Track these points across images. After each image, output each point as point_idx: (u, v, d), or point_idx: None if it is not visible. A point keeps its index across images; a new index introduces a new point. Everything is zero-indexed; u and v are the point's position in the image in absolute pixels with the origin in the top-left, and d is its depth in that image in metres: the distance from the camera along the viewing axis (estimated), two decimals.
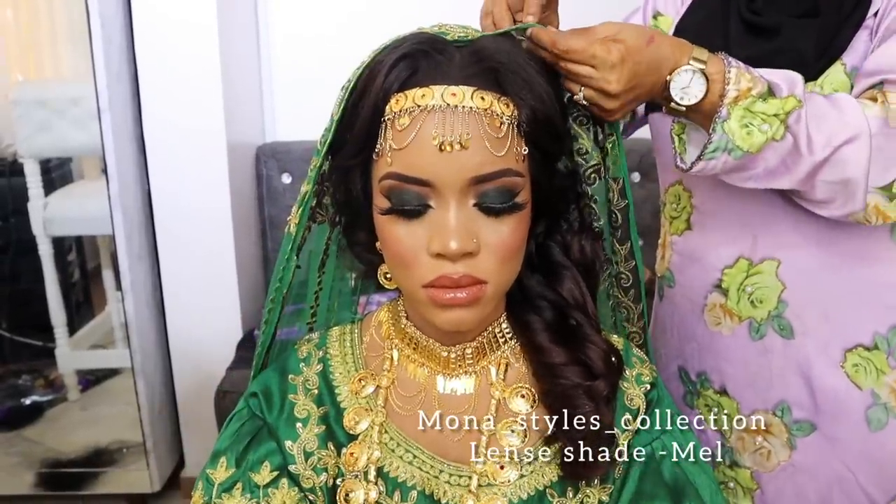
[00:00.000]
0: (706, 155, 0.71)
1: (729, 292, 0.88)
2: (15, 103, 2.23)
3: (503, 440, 0.69)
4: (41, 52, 2.80)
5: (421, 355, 0.72)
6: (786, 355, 0.86)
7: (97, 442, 2.18)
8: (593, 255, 0.73)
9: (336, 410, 0.73)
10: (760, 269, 0.86)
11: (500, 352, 0.72)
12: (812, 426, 0.86)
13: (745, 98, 0.69)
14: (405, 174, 0.61)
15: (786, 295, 0.85)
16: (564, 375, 0.68)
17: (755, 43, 0.82)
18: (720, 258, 0.89)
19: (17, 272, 2.52)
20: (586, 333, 0.71)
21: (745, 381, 0.89)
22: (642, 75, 0.68)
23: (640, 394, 0.72)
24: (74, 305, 2.68)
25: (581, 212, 0.74)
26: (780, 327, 0.86)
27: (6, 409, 2.35)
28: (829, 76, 0.78)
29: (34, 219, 2.30)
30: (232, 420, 0.76)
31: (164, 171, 1.90)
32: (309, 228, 0.77)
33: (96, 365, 2.41)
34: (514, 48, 0.66)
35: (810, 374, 0.85)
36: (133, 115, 1.87)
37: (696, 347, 0.93)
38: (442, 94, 0.61)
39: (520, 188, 0.63)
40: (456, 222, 0.61)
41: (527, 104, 0.62)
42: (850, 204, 0.74)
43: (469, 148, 0.60)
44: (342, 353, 0.76)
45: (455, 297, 0.62)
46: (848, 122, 0.72)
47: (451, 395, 0.71)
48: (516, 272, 0.67)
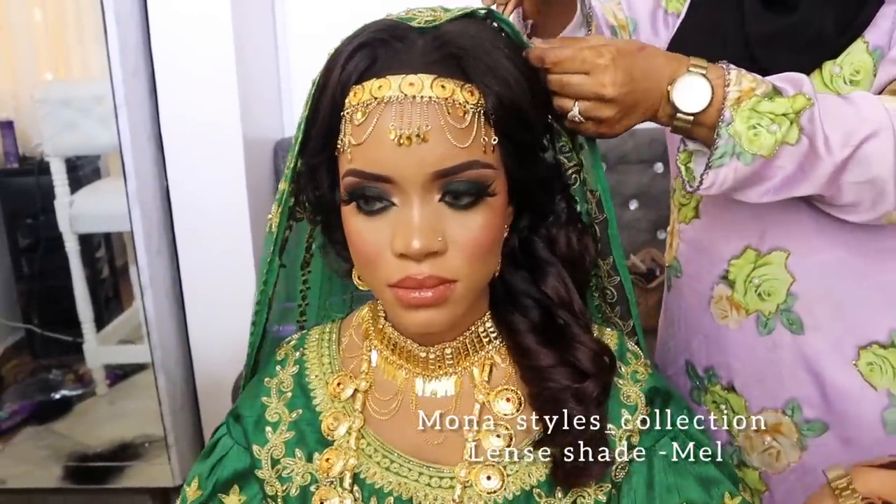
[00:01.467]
0: (714, 163, 0.66)
1: (735, 284, 0.84)
2: (41, 102, 2.28)
3: (487, 444, 0.66)
4: (70, 51, 2.86)
5: (399, 357, 0.69)
6: (795, 351, 0.81)
7: (123, 436, 2.21)
8: (581, 248, 0.69)
9: (311, 414, 0.70)
10: (769, 260, 0.81)
11: (483, 352, 0.68)
12: (824, 426, 0.82)
13: (749, 98, 0.65)
14: (365, 171, 0.59)
15: (795, 288, 0.80)
16: (552, 378, 0.65)
17: (772, 18, 0.77)
18: (727, 248, 0.84)
19: (48, 269, 2.58)
20: (574, 333, 0.67)
21: (754, 378, 0.85)
22: (638, 80, 0.65)
23: (638, 390, 0.68)
24: (104, 301, 2.73)
25: (568, 202, 0.71)
26: (790, 322, 0.81)
27: (36, 404, 2.40)
28: (851, 54, 0.73)
29: (60, 216, 2.34)
30: (214, 434, 0.74)
31: (182, 168, 1.90)
32: (290, 227, 0.75)
33: (122, 360, 2.45)
34: (480, 31, 0.62)
35: (821, 372, 0.80)
36: (151, 112, 1.88)
37: (703, 341, 0.89)
38: (399, 84, 0.58)
39: (490, 181, 0.60)
40: (419, 220, 0.58)
41: (492, 91, 0.59)
42: (880, 204, 0.69)
43: (429, 140, 0.57)
44: (319, 355, 0.73)
45: (420, 297, 0.59)
46: (866, 118, 0.67)
47: (431, 398, 0.68)
48: (492, 269, 0.64)
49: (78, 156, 2.46)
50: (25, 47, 2.62)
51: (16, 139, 2.59)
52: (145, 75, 1.85)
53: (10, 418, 2.32)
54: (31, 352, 2.66)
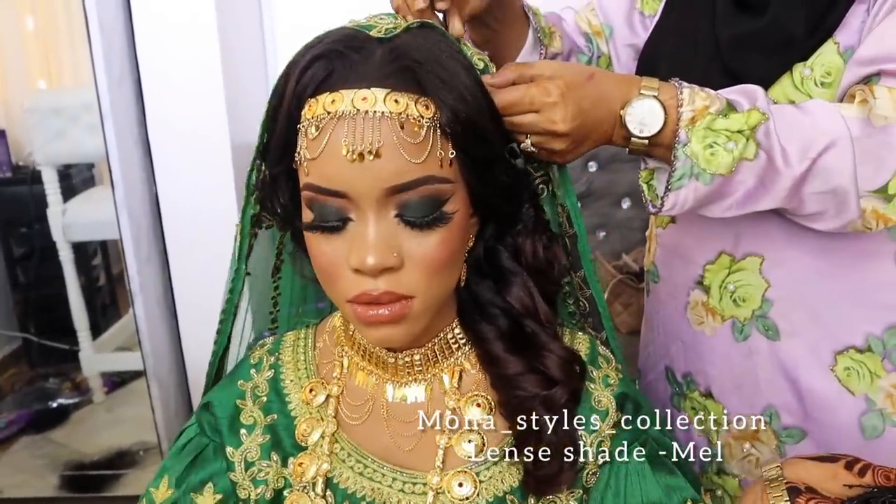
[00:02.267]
0: (673, 185, 0.65)
1: (711, 290, 0.83)
2: (31, 111, 2.28)
3: (459, 451, 0.66)
4: (61, 59, 2.85)
5: (369, 362, 0.69)
6: (772, 358, 0.80)
7: (119, 444, 2.21)
8: (548, 257, 0.68)
9: (286, 419, 0.70)
10: (743, 266, 0.80)
11: (453, 358, 0.68)
12: (802, 433, 0.80)
13: (703, 117, 0.64)
14: (320, 186, 0.58)
15: (770, 293, 0.79)
16: (521, 386, 0.65)
17: (742, 21, 0.76)
18: (702, 253, 0.83)
19: (43, 277, 2.58)
20: (542, 341, 0.67)
21: (731, 385, 0.83)
22: (588, 110, 0.64)
23: (609, 395, 0.68)
24: (100, 309, 2.73)
25: (536, 210, 0.69)
26: (765, 328, 0.80)
27: (33, 413, 2.40)
28: (821, 55, 0.72)
29: (53, 225, 2.34)
30: (182, 434, 0.74)
31: (171, 175, 1.89)
32: (255, 235, 0.74)
33: (118, 367, 2.45)
34: (437, 43, 0.61)
35: (798, 379, 0.79)
36: (138, 119, 1.87)
37: (680, 347, 0.88)
38: (352, 98, 0.57)
39: (447, 196, 0.59)
40: (374, 236, 0.58)
41: (447, 104, 0.58)
42: (843, 213, 0.68)
43: (383, 156, 0.56)
44: (294, 360, 0.73)
45: (377, 315, 0.59)
46: (823, 129, 0.65)
47: (401, 404, 0.68)
48: (451, 283, 0.64)
49: (70, 164, 2.46)
50: (16, 56, 2.62)
51: (8, 148, 2.59)
52: (131, 82, 1.84)
53: (7, 428, 2.32)
54: (27, 361, 2.66)
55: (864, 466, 0.57)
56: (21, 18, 2.69)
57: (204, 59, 1.82)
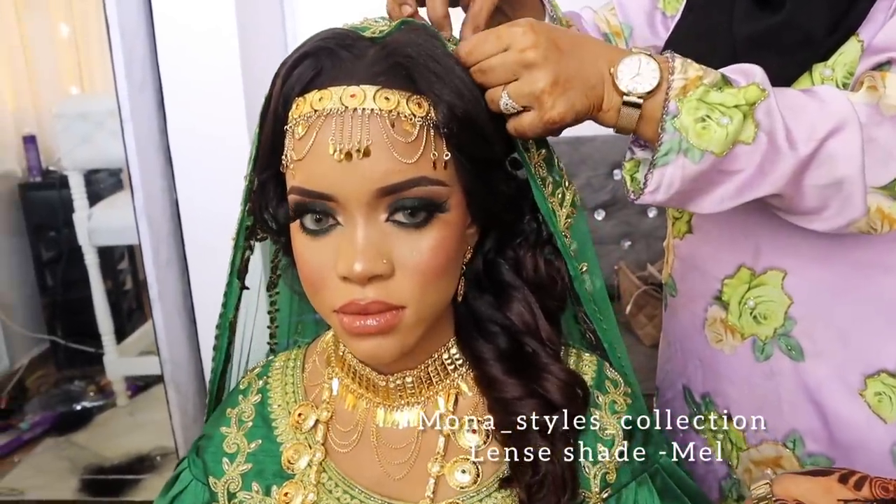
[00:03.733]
0: (658, 161, 0.58)
1: (730, 306, 0.78)
2: (58, 117, 2.31)
3: (452, 481, 0.61)
4: (93, 66, 2.90)
5: (360, 385, 0.65)
6: (795, 380, 0.75)
7: (139, 448, 2.22)
8: (550, 272, 0.64)
9: (272, 445, 0.66)
10: (764, 281, 0.75)
11: (448, 380, 0.64)
12: (828, 461, 0.75)
13: (696, 87, 0.57)
14: (307, 188, 0.55)
15: (793, 311, 0.74)
16: (518, 411, 0.60)
17: (759, 17, 0.71)
18: (720, 266, 0.78)
19: (70, 281, 2.61)
20: (543, 363, 0.62)
21: (752, 407, 0.78)
22: (566, 51, 0.56)
23: (616, 423, 0.63)
24: (126, 313, 2.76)
25: (539, 223, 0.65)
26: (788, 347, 0.75)
27: (58, 415, 2.43)
28: (844, 54, 0.66)
29: (79, 229, 2.37)
30: (177, 466, 0.71)
31: (191, 181, 1.89)
32: (251, 248, 0.72)
33: (141, 372, 2.47)
34: (429, 39, 0.57)
35: (824, 403, 0.74)
36: (159, 125, 1.87)
37: (698, 366, 0.83)
38: (341, 96, 0.54)
39: (442, 199, 0.56)
40: (363, 241, 0.54)
41: (442, 101, 0.54)
42: (847, 210, 0.62)
43: (372, 155, 0.53)
44: (282, 383, 0.70)
45: (366, 326, 0.55)
46: (831, 111, 0.60)
47: (392, 429, 0.64)
48: (447, 295, 0.60)
49: (97, 169, 2.49)
50: (47, 62, 2.66)
51: (38, 153, 2.63)
52: (152, 89, 1.84)
53: (31, 430, 2.35)
54: (54, 363, 2.70)
55: (861, 479, 0.53)
56: (55, 26, 2.74)
57: (225, 66, 1.82)
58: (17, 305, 2.68)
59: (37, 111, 2.66)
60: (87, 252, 2.39)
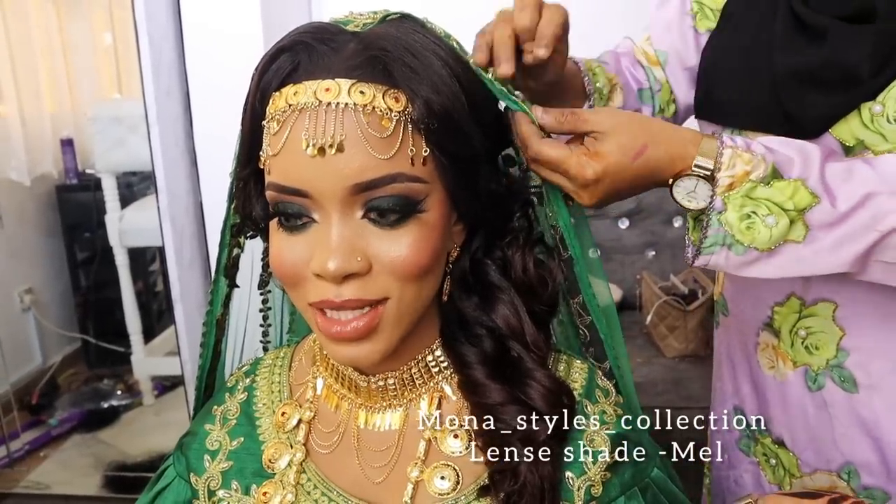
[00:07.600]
0: (704, 250, 0.60)
1: (781, 333, 0.75)
2: (93, 120, 2.36)
3: (431, 487, 0.60)
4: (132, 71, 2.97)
5: (343, 386, 0.64)
6: (849, 412, 0.71)
7: (162, 447, 2.25)
8: (540, 274, 0.62)
9: (254, 444, 0.66)
10: (814, 311, 0.72)
11: (432, 383, 0.62)
12: (885, 495, 0.71)
13: (742, 184, 0.57)
14: (281, 184, 0.54)
15: (846, 342, 0.71)
16: (500, 416, 0.59)
17: (801, 48, 0.67)
18: (770, 293, 0.75)
19: (102, 281, 2.67)
20: (527, 368, 0.61)
21: (805, 437, 0.75)
22: (624, 190, 0.60)
23: (604, 434, 0.61)
24: (156, 313, 2.80)
25: (530, 222, 0.64)
26: (841, 379, 0.71)
27: (86, 412, 2.48)
28: (894, 88, 0.63)
29: (111, 230, 2.42)
30: (162, 463, 0.71)
31: (216, 185, 1.91)
32: (239, 245, 0.72)
33: (167, 372, 2.50)
34: (410, 31, 0.56)
35: (881, 436, 0.70)
36: (185, 129, 1.91)
37: (751, 389, 0.81)
38: (315, 90, 0.53)
39: (420, 196, 0.54)
40: (337, 238, 0.53)
41: (419, 96, 0.53)
42: None
43: (346, 151, 0.52)
44: (269, 382, 0.69)
45: (342, 332, 0.54)
46: None
47: (373, 432, 0.63)
48: (426, 294, 0.58)
49: (131, 172, 2.55)
50: (88, 68, 2.73)
51: (75, 155, 2.70)
52: (179, 94, 1.88)
53: (60, 426, 2.40)
54: (85, 361, 2.76)
55: None
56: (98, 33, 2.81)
57: (251, 72, 1.85)
58: (51, 304, 2.75)
59: (74, 116, 2.73)
60: (117, 253, 2.44)
